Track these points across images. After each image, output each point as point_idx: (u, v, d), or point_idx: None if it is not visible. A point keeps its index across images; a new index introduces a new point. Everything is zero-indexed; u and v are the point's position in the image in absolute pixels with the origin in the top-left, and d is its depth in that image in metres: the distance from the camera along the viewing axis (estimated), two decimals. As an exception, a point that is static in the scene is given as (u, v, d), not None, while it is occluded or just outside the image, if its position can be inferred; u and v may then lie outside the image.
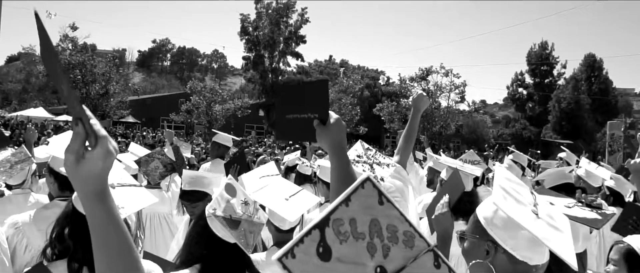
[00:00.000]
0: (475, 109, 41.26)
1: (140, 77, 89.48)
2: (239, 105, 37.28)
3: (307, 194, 3.24)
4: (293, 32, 49.96)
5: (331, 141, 1.66)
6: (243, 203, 2.36)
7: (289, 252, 0.77)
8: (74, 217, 1.93)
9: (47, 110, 40.38)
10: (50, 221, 2.74)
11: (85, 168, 1.06)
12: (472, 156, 5.76)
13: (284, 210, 2.83)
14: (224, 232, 2.22)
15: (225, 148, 6.46)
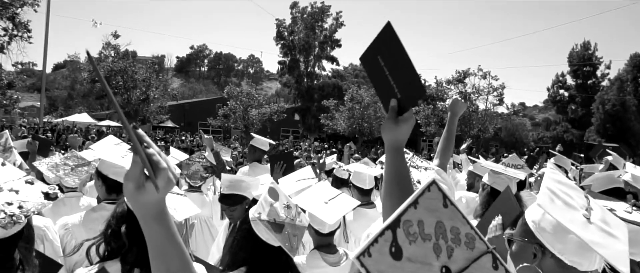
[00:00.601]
0: (514, 112, 40.22)
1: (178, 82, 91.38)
2: (274, 109, 37.55)
3: (346, 197, 3.23)
4: (328, 36, 50.03)
5: (394, 137, 1.60)
6: (285, 206, 2.38)
7: (366, 251, 0.84)
8: (130, 217, 1.98)
9: (90, 115, 41.76)
10: (98, 223, 2.83)
11: (144, 197, 1.09)
12: (515, 160, 5.62)
13: (323, 213, 2.83)
14: (268, 235, 2.23)
15: (262, 152, 6.50)
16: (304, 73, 50.50)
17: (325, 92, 47.83)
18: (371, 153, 28.70)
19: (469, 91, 35.93)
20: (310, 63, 50.67)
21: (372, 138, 38.07)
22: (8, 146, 3.14)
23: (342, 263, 2.85)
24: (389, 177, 1.60)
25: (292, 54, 50.22)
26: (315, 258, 2.79)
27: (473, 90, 36.01)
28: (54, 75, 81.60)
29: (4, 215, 1.67)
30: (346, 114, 37.05)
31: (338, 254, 2.88)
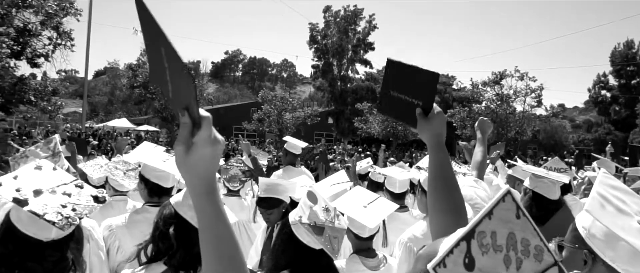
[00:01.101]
0: (553, 114, 39.17)
1: (213, 87, 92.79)
2: (308, 113, 37.68)
3: (384, 201, 3.21)
4: (361, 40, 49.97)
5: (431, 133, 1.64)
6: (324, 209, 2.38)
7: (442, 262, 0.85)
8: (178, 219, 2.03)
9: (129, 120, 42.92)
10: (141, 225, 2.92)
11: (194, 157, 1.06)
12: (558, 163, 5.45)
13: (364, 217, 2.82)
14: (309, 238, 2.24)
15: (294, 155, 6.55)
16: (338, 77, 50.55)
17: (359, 95, 47.71)
18: (406, 156, 28.47)
19: (506, 92, 35.20)
20: (343, 66, 50.69)
21: (407, 141, 37.76)
22: (57, 150, 3.25)
23: (381, 267, 2.83)
24: (433, 174, 1.62)
25: (325, 58, 50.36)
26: (355, 263, 2.78)
27: (510, 92, 35.24)
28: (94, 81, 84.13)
29: (60, 217, 1.73)
30: (380, 117, 36.84)
31: (377, 258, 2.87)
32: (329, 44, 49.52)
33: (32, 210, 1.71)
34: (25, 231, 1.79)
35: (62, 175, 1.99)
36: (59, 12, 27.98)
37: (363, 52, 50.67)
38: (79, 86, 59.01)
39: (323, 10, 49.99)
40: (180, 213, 2.06)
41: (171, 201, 2.13)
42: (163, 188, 3.13)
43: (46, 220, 1.71)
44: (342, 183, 4.07)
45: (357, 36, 49.95)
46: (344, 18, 49.19)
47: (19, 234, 1.79)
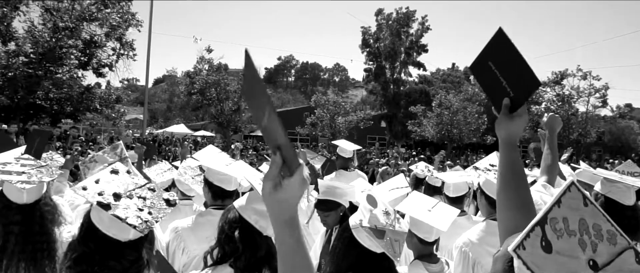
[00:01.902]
0: (619, 114, 37.20)
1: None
2: (361, 117, 37.57)
3: (445, 206, 3.14)
4: (414, 42, 49.39)
5: (509, 132, 1.63)
6: (384, 212, 2.37)
7: (521, 244, 0.95)
8: (242, 222, 2.08)
9: (187, 126, 44.33)
10: (205, 227, 3.00)
11: (282, 196, 1.14)
12: (631, 167, 5.15)
13: (434, 220, 2.78)
14: (370, 242, 2.24)
15: (345, 159, 6.52)
16: (390, 80, 50.16)
17: (412, 98, 47.16)
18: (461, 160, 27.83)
19: (567, 92, 33.74)
20: (396, 69, 50.25)
21: (462, 144, 36.86)
22: (124, 155, 3.39)
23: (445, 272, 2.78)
24: (504, 170, 1.61)
25: (378, 61, 50.10)
26: (418, 268, 2.73)
27: (572, 92, 33.73)
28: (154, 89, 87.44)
29: (140, 220, 1.84)
30: (434, 120, 36.21)
31: (440, 263, 2.80)
32: (381, 47, 49.24)
33: (115, 214, 1.83)
34: (106, 231, 1.90)
35: (136, 179, 2.09)
36: (122, 24, 29.34)
37: (416, 55, 50.05)
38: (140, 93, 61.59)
39: (375, 14, 49.79)
40: (245, 216, 2.10)
41: (235, 205, 2.18)
42: (226, 191, 3.21)
43: (128, 224, 1.82)
44: (401, 188, 4.02)
45: (410, 38, 49.40)
46: (396, 20, 48.80)
47: (99, 234, 1.91)
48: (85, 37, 28.37)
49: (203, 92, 33.70)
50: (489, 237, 3.08)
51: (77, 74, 28.84)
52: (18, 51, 25.07)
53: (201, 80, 33.79)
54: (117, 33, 29.67)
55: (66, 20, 26.64)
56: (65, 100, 27.91)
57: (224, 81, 33.68)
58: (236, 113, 34.14)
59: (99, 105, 29.52)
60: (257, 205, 2.13)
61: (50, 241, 2.52)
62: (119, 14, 29.17)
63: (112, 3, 28.92)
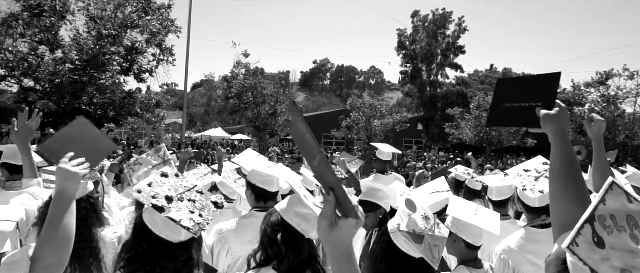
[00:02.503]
0: (669, 115, 35.55)
1: (303, 96, 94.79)
2: (397, 119, 37.29)
3: (486, 209, 3.10)
4: (451, 43, 48.71)
5: (556, 127, 1.70)
6: (424, 217, 2.34)
7: (573, 241, 0.98)
8: (285, 225, 2.10)
9: (224, 130, 45.01)
10: (248, 229, 3.04)
11: (337, 234, 1.19)
12: None
13: (485, 223, 2.75)
14: (408, 247, 2.22)
15: (383, 162, 6.47)
16: (427, 82, 49.61)
17: (449, 100, 46.46)
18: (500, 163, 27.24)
19: (612, 93, 32.51)
20: (432, 71, 49.68)
21: (501, 147, 36.06)
22: (167, 158, 3.46)
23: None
24: (558, 162, 1.62)
25: (414, 63, 49.63)
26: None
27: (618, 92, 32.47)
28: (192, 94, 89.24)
29: (193, 223, 1.91)
30: (472, 122, 35.55)
31: (484, 268, 2.75)
32: (417, 49, 48.78)
33: (169, 216, 1.90)
34: (159, 233, 1.98)
35: (184, 182, 2.15)
36: (161, 30, 30.08)
37: (453, 56, 49.35)
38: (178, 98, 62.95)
39: (411, 15, 49.36)
40: (286, 219, 2.12)
41: (277, 208, 2.20)
42: (268, 193, 3.25)
43: (181, 225, 1.89)
44: (442, 191, 3.96)
45: (447, 39, 48.77)
46: (432, 22, 48.27)
47: (152, 235, 1.98)
48: (127, 44, 29.23)
49: (240, 96, 34.12)
50: (529, 244, 3.03)
51: (119, 80, 29.77)
52: (64, 58, 26.06)
53: (238, 84, 34.27)
54: (157, 39, 30.44)
55: (109, 28, 27.51)
56: (108, 105, 28.83)
57: (260, 85, 34.03)
58: (272, 117, 34.45)
59: (140, 109, 30.36)
60: (299, 208, 2.15)
61: (90, 240, 2.60)
62: (158, 21, 29.92)
63: (152, 10, 29.71)
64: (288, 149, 31.01)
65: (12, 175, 3.53)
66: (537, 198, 3.11)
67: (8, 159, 3.53)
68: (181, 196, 2.03)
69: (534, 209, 3.16)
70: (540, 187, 3.11)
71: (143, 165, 3.36)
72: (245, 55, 36.71)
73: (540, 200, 3.09)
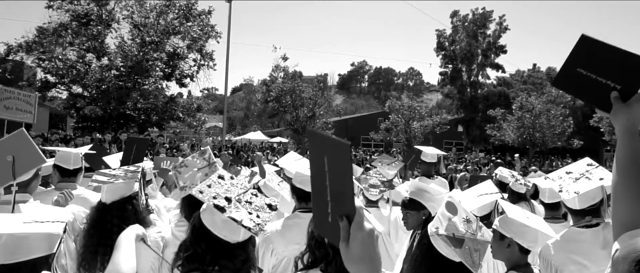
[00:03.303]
0: None
1: (341, 99, 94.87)
2: (437, 121, 36.82)
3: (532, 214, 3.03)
4: (492, 43, 47.69)
5: (628, 122, 1.54)
6: (465, 220, 2.30)
7: None
8: None
9: (263, 133, 45.51)
10: (292, 230, 3.07)
11: (354, 248, 1.17)
12: None
13: (543, 227, 2.69)
14: (448, 250, 2.21)
15: (428, 165, 6.37)
16: (467, 83, 48.75)
17: (491, 101, 45.46)
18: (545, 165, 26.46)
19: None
20: (473, 72, 48.78)
21: (545, 149, 35.01)
22: (212, 161, 3.51)
23: (540, 283, 2.65)
24: (624, 160, 1.52)
25: (453, 64, 48.87)
26: None
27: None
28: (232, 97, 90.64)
29: (253, 223, 1.97)
30: (515, 123, 34.68)
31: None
32: (457, 50, 48.00)
33: (231, 216, 1.95)
34: (218, 233, 2.02)
35: (240, 184, 2.20)
36: (202, 36, 30.77)
37: (494, 56, 48.30)
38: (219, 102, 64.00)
39: (450, 15, 48.63)
40: None
41: None
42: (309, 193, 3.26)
43: (243, 226, 1.93)
44: (491, 194, 3.87)
45: (487, 39, 47.79)
46: (472, 22, 47.39)
47: (211, 236, 2.02)
48: (169, 50, 30.04)
49: (279, 99, 34.50)
50: (572, 244, 2.98)
51: (161, 85, 30.62)
52: (110, 65, 26.99)
53: (277, 87, 34.65)
54: (197, 45, 31.17)
55: (152, 35, 28.33)
56: (151, 109, 29.66)
57: (299, 88, 34.29)
58: (311, 119, 34.64)
59: (182, 114, 31.11)
60: None
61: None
62: (199, 27, 30.61)
63: (193, 17, 30.41)
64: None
65: (64, 177, 3.69)
66: (573, 200, 3.01)
67: (61, 162, 3.70)
68: (239, 198, 2.07)
69: (577, 211, 3.06)
70: (577, 188, 3.00)
71: (189, 168, 3.42)
72: (284, 59, 37.14)
73: (579, 201, 2.99)
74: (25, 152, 2.74)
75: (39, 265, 1.80)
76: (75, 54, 28.34)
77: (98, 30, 28.50)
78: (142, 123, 29.95)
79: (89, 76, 26.54)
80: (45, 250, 1.83)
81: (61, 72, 27.15)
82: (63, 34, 28.12)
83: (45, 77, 28.35)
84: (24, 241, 1.78)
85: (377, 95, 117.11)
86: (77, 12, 28.41)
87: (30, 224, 1.82)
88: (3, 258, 1.76)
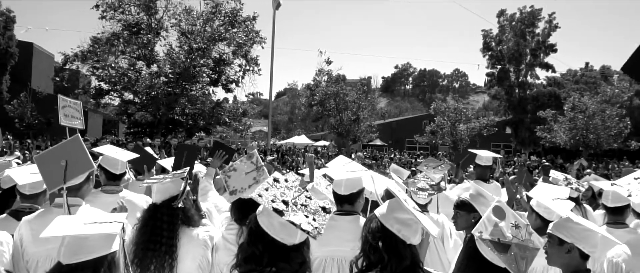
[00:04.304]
0: None
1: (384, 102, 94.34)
2: (484, 123, 36.01)
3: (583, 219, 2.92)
4: (541, 42, 46.15)
5: None
6: (514, 226, 2.26)
7: None
8: (385, 231, 2.10)
9: (307, 137, 45.79)
10: (327, 231, 3.07)
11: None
12: None
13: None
14: (492, 255, 2.19)
15: (484, 168, 6.20)
16: (515, 83, 47.34)
17: (541, 102, 43.99)
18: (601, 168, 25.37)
19: None
20: (521, 72, 47.33)
21: (600, 151, 33.53)
22: (259, 165, 3.55)
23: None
24: None
25: (501, 64, 47.60)
26: None
27: None
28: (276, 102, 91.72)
29: (311, 227, 1.99)
30: (567, 125, 33.40)
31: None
32: (504, 50, 46.75)
33: (290, 220, 1.97)
34: (275, 236, 2.04)
35: (294, 187, 2.23)
36: (247, 42, 31.33)
37: (543, 56, 46.71)
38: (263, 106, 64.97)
39: (497, 15, 47.40)
40: (387, 225, 2.11)
41: (376, 214, 2.20)
42: (343, 196, 3.34)
43: (302, 230, 1.96)
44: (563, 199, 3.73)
45: (536, 38, 46.27)
46: (520, 20, 46.03)
47: (267, 238, 2.05)
48: (215, 56, 30.73)
49: (323, 103, 34.66)
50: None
51: (208, 91, 31.34)
52: (159, 71, 27.87)
53: (321, 91, 34.82)
54: (243, 50, 31.76)
55: (199, 42, 29.07)
56: (199, 115, 30.43)
57: (343, 92, 34.34)
58: (355, 123, 34.61)
59: (228, 118, 31.76)
60: (399, 213, 2.13)
61: (171, 236, 2.84)
62: (244, 33, 31.18)
63: (238, 23, 31.02)
64: (371, 154, 30.89)
65: (109, 180, 3.84)
66: None
67: (107, 166, 3.84)
68: (295, 201, 2.09)
69: None
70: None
71: (237, 171, 3.47)
72: (328, 62, 37.28)
73: None
74: (77, 157, 2.88)
75: (100, 265, 1.88)
76: (126, 62, 29.47)
77: (148, 38, 29.54)
78: (189, 128, 30.76)
79: (140, 82, 27.49)
80: (105, 249, 1.90)
81: (114, 79, 28.27)
82: (115, 43, 29.32)
83: (99, 85, 29.62)
84: (85, 241, 1.87)
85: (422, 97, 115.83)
86: (128, 22, 29.55)
87: (90, 225, 1.90)
88: (67, 259, 1.85)
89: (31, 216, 3.03)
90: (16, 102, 32.06)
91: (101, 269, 1.88)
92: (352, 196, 3.30)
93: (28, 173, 3.31)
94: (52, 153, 2.93)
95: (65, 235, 1.87)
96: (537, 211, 3.50)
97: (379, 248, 2.05)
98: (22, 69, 37.12)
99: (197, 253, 2.93)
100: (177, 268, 2.83)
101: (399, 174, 5.82)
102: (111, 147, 4.28)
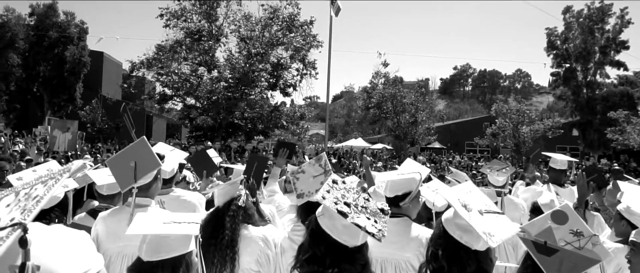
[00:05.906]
0: None
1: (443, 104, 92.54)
2: (548, 125, 34.54)
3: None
4: (611, 39, 43.70)
5: None
6: (573, 232, 2.16)
7: None
8: (446, 238, 2.07)
9: (364, 140, 45.64)
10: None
11: None
12: None
13: None
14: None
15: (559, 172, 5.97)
16: (583, 83, 45.06)
17: (611, 102, 41.63)
18: (679, 171, 23.71)
19: None
20: (589, 71, 44.99)
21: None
22: (327, 168, 3.55)
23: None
24: None
25: (567, 63, 45.48)
26: None
27: None
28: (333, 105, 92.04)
29: (376, 229, 1.98)
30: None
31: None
32: (570, 48, 44.64)
33: (355, 222, 1.96)
34: (337, 237, 2.04)
35: (352, 189, 2.23)
36: (304, 46, 31.68)
37: (614, 53, 44.19)
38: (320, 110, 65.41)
39: (562, 12, 45.35)
40: (449, 231, 2.07)
41: (442, 218, 2.16)
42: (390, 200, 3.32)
43: (368, 232, 1.94)
44: None
45: (606, 35, 43.85)
46: (588, 17, 43.81)
47: (329, 239, 2.05)
48: (273, 61, 31.28)
49: (380, 105, 34.47)
50: None
51: (266, 95, 31.94)
52: (219, 77, 28.69)
53: (378, 94, 34.64)
54: (300, 55, 32.14)
55: (257, 47, 29.70)
56: (257, 118, 31.03)
57: (400, 94, 34.01)
58: (412, 125, 34.18)
59: (286, 122, 32.21)
60: (461, 219, 2.09)
61: (233, 230, 2.95)
62: (302, 37, 31.55)
63: (295, 28, 31.44)
64: (429, 158, 30.38)
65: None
66: None
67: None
68: (356, 204, 2.08)
69: None
70: None
71: (306, 174, 3.49)
72: (385, 65, 37.01)
73: None
74: (144, 158, 3.03)
75: (179, 264, 1.96)
76: (188, 68, 30.54)
77: (209, 45, 30.50)
78: (248, 131, 31.42)
79: (201, 88, 28.38)
80: (184, 249, 1.98)
81: (176, 85, 29.35)
82: (178, 50, 30.46)
83: (163, 91, 30.84)
84: (165, 240, 1.95)
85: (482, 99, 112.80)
86: (190, 29, 30.65)
87: (170, 225, 1.99)
88: (148, 256, 1.94)
89: (105, 213, 3.22)
90: (88, 108, 34.16)
91: (180, 268, 1.96)
92: (397, 198, 3.24)
93: (106, 174, 3.48)
94: (122, 155, 3.09)
95: (147, 234, 1.97)
96: (629, 219, 3.15)
97: (438, 255, 2.02)
98: (93, 77, 39.48)
99: (255, 248, 3.00)
100: (238, 261, 2.91)
101: (459, 178, 5.69)
102: (164, 145, 4.45)
